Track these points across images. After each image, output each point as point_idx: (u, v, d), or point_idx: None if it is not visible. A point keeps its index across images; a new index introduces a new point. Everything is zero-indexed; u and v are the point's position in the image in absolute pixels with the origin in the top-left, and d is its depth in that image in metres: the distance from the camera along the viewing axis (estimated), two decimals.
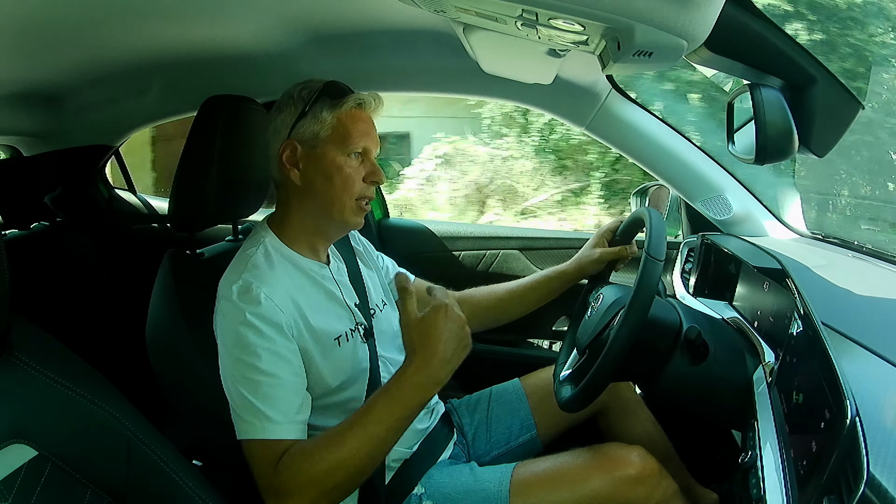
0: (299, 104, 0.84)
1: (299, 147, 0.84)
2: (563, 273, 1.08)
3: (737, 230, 1.22)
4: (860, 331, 0.61)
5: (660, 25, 0.55)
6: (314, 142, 0.84)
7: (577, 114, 1.19)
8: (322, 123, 0.84)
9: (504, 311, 1.11)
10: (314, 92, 0.84)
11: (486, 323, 1.11)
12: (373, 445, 0.73)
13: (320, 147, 0.84)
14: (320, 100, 0.84)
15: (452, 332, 0.75)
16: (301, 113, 0.84)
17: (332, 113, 0.84)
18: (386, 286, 1.05)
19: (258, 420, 0.75)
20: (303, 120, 0.84)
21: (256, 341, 0.76)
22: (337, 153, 0.84)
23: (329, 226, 0.88)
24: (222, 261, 0.86)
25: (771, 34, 0.78)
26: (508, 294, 1.10)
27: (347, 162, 0.84)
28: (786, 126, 0.82)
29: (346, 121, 0.84)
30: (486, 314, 1.10)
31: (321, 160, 0.84)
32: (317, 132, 0.84)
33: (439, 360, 0.73)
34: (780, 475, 0.57)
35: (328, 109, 0.84)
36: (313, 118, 0.84)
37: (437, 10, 0.74)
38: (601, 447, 0.88)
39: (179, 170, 0.92)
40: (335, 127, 0.84)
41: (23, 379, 0.60)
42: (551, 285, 1.09)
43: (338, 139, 0.84)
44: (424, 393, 0.74)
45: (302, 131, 0.84)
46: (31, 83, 1.15)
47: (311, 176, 0.84)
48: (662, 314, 0.83)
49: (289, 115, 0.85)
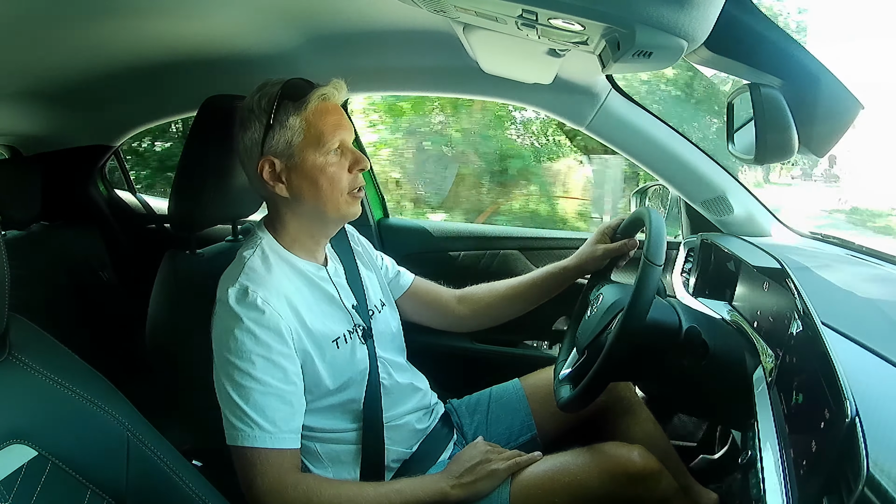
0: (262, 117, 0.81)
1: (276, 161, 0.82)
2: (565, 269, 1.07)
3: (737, 230, 1.22)
4: (860, 331, 0.61)
5: (660, 25, 0.55)
6: (289, 151, 0.81)
7: (577, 114, 1.19)
8: (292, 131, 0.81)
9: (505, 309, 1.10)
10: (273, 99, 0.81)
11: (487, 321, 1.10)
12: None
13: (297, 155, 0.81)
14: (282, 106, 0.81)
15: (472, 458, 0.87)
16: (267, 126, 0.81)
17: (298, 117, 0.81)
18: (385, 287, 1.05)
19: (248, 427, 0.75)
20: (271, 132, 0.81)
21: (252, 348, 0.76)
22: (316, 155, 0.82)
23: (326, 225, 0.88)
24: (222, 261, 0.86)
25: (771, 34, 0.77)
26: (510, 291, 1.09)
27: (328, 160, 0.83)
28: (786, 126, 0.82)
29: (314, 120, 0.82)
30: (488, 311, 1.10)
31: (302, 168, 0.82)
32: (289, 140, 0.81)
33: (452, 476, 0.85)
34: (780, 475, 0.57)
35: (293, 114, 0.81)
36: (281, 128, 0.81)
37: (437, 10, 0.74)
38: (601, 447, 0.88)
39: (179, 170, 0.92)
40: (306, 130, 0.81)
41: (22, 379, 0.60)
42: (552, 281, 1.08)
43: (312, 141, 0.82)
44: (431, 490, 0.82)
45: (274, 144, 0.81)
46: (31, 83, 1.15)
47: (296, 185, 0.82)
48: (662, 316, 0.83)
49: (255, 132, 0.82)
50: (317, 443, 0.86)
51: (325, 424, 0.86)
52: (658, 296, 0.83)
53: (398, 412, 0.93)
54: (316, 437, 0.86)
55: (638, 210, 1.00)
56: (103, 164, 1.77)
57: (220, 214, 0.97)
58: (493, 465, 0.85)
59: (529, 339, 1.52)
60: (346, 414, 0.87)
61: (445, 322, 1.10)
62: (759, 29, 0.77)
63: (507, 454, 0.89)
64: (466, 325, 1.11)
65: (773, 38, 0.78)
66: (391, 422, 0.91)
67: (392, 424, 0.91)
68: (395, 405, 0.93)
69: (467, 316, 1.10)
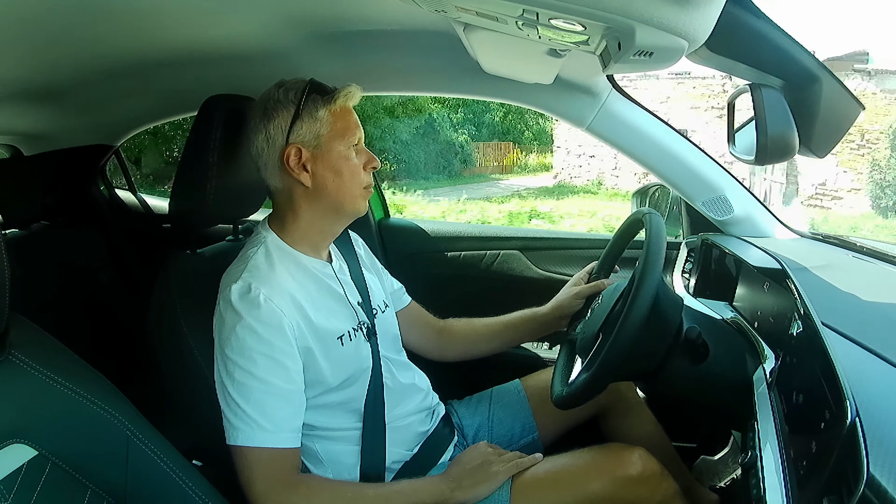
0: (290, 107, 0.83)
1: (303, 150, 0.83)
2: (543, 316, 1.09)
3: (737, 230, 1.22)
4: (860, 331, 0.61)
5: (660, 26, 0.55)
6: (317, 141, 0.83)
7: (577, 114, 1.19)
8: (321, 122, 0.83)
9: (482, 346, 1.12)
10: (301, 92, 0.83)
11: (465, 356, 1.12)
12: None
13: (324, 145, 0.84)
14: (311, 98, 0.83)
15: (473, 460, 0.87)
16: (295, 115, 0.83)
17: (326, 110, 0.84)
18: (388, 294, 1.05)
19: (247, 426, 0.75)
20: (298, 122, 0.83)
21: (254, 346, 0.76)
22: (341, 147, 0.84)
23: (339, 220, 0.90)
24: (222, 261, 0.86)
25: (771, 34, 0.78)
26: (486, 330, 1.11)
27: (350, 154, 0.85)
28: (786, 126, 0.82)
29: (341, 115, 0.85)
30: (466, 347, 1.12)
31: (328, 157, 0.84)
32: (318, 131, 0.83)
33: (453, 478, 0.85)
34: (780, 475, 0.57)
35: (322, 107, 0.84)
36: (310, 118, 0.83)
37: (438, 9, 0.74)
38: (602, 448, 0.88)
39: (180, 169, 0.92)
40: (332, 123, 0.84)
41: (22, 379, 0.60)
42: (526, 327, 1.10)
43: (338, 134, 0.84)
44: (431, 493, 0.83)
45: (302, 133, 0.83)
46: (31, 83, 1.14)
47: (320, 175, 0.84)
48: (671, 295, 0.82)
49: (282, 120, 0.83)
50: (317, 442, 0.86)
51: (326, 423, 0.86)
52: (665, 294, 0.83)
53: (400, 413, 0.93)
54: (316, 435, 0.86)
55: (636, 212, 1.00)
56: (104, 164, 1.77)
57: (220, 214, 0.97)
58: (493, 468, 0.85)
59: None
60: (347, 412, 0.87)
61: (426, 348, 1.11)
62: (759, 29, 0.77)
63: (508, 456, 0.89)
64: (446, 357, 1.11)
65: (774, 38, 0.78)
66: (393, 423, 0.91)
67: (394, 426, 0.91)
68: (397, 405, 0.93)
69: (447, 348, 1.12)
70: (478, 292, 1.52)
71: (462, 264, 1.53)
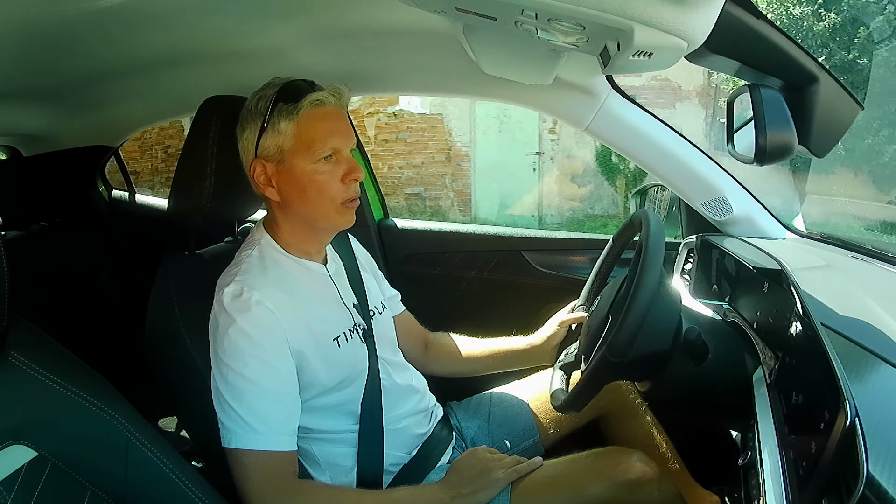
0: (258, 119, 0.80)
1: (266, 165, 0.81)
2: (529, 345, 1.05)
3: (737, 231, 1.22)
4: (860, 331, 0.61)
5: (659, 26, 0.55)
6: (280, 156, 0.80)
7: (576, 114, 1.19)
8: (283, 135, 0.79)
9: (463, 366, 1.10)
10: (269, 102, 0.79)
11: (447, 372, 1.11)
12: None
13: (287, 160, 0.80)
14: (276, 109, 0.79)
15: (473, 467, 0.86)
16: (261, 128, 0.80)
17: (290, 122, 0.79)
18: (385, 297, 1.04)
19: (241, 429, 0.75)
20: (264, 135, 0.80)
21: (246, 348, 0.75)
22: (305, 163, 0.80)
23: (317, 232, 0.88)
24: (221, 261, 0.86)
25: (771, 34, 0.78)
26: (468, 351, 1.09)
27: (317, 169, 0.80)
28: (785, 126, 0.82)
29: (306, 126, 0.79)
30: (450, 364, 1.10)
31: (290, 174, 0.80)
32: (280, 145, 0.80)
33: (452, 485, 0.84)
34: (779, 476, 0.57)
35: (285, 119, 0.79)
36: (273, 132, 0.79)
37: (437, 10, 0.74)
38: (601, 451, 0.88)
39: (178, 170, 0.92)
40: (297, 135, 0.79)
41: (22, 380, 0.60)
42: (506, 358, 1.07)
43: (302, 148, 0.80)
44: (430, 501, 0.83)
45: (266, 147, 0.80)
46: (30, 84, 1.14)
47: (286, 191, 0.82)
48: (671, 294, 0.82)
49: (251, 132, 0.81)
50: (314, 444, 0.86)
51: (323, 425, 0.86)
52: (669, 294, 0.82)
53: (397, 414, 0.92)
54: (313, 437, 0.85)
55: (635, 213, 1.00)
56: (103, 165, 1.77)
57: (219, 215, 0.97)
58: (493, 475, 0.84)
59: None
60: (344, 415, 0.87)
61: (411, 358, 1.08)
62: (759, 29, 0.77)
63: (508, 461, 0.88)
64: (429, 370, 1.10)
65: (773, 38, 0.78)
66: (390, 425, 0.90)
67: (391, 429, 0.90)
68: (394, 406, 0.92)
69: (431, 361, 1.11)
70: (477, 293, 1.51)
71: (461, 265, 1.53)
